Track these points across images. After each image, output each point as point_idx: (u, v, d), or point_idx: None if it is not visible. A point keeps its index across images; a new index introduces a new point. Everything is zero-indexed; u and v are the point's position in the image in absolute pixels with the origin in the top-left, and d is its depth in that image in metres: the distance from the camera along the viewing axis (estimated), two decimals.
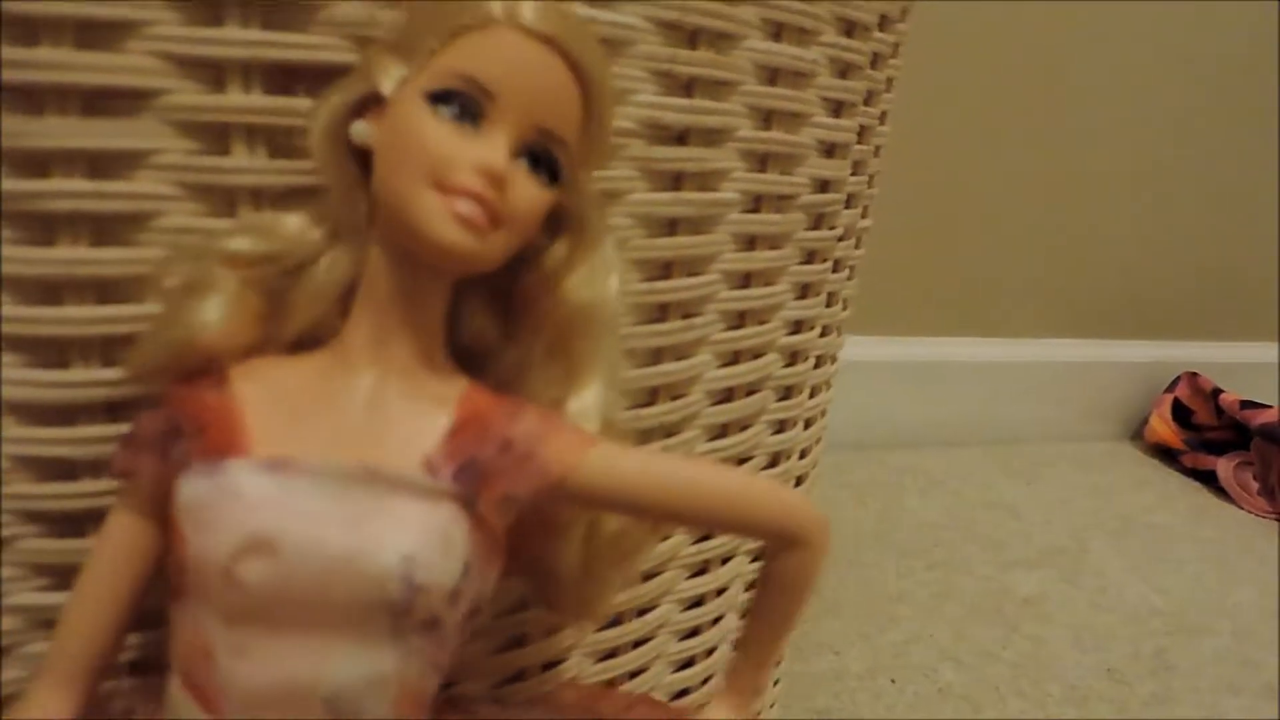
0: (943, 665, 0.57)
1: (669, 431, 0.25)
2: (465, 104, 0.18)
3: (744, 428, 0.28)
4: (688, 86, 0.22)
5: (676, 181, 0.23)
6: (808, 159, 0.26)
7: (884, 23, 0.29)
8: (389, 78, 0.18)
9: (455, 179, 0.17)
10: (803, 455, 0.32)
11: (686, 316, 0.25)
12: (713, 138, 0.23)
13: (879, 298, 0.83)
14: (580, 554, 0.21)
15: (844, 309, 0.32)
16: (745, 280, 0.26)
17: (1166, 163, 0.92)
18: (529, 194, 0.18)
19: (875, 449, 0.87)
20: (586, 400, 0.20)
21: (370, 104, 0.19)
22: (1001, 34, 0.81)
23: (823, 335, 0.31)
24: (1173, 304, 0.97)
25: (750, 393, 0.28)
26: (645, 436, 0.25)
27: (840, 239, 0.30)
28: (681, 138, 0.23)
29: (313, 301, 0.19)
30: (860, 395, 0.83)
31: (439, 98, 0.18)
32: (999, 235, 0.87)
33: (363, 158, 0.19)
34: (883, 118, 0.31)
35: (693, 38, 0.22)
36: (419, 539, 0.17)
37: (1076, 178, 0.88)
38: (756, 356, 0.27)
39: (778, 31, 0.24)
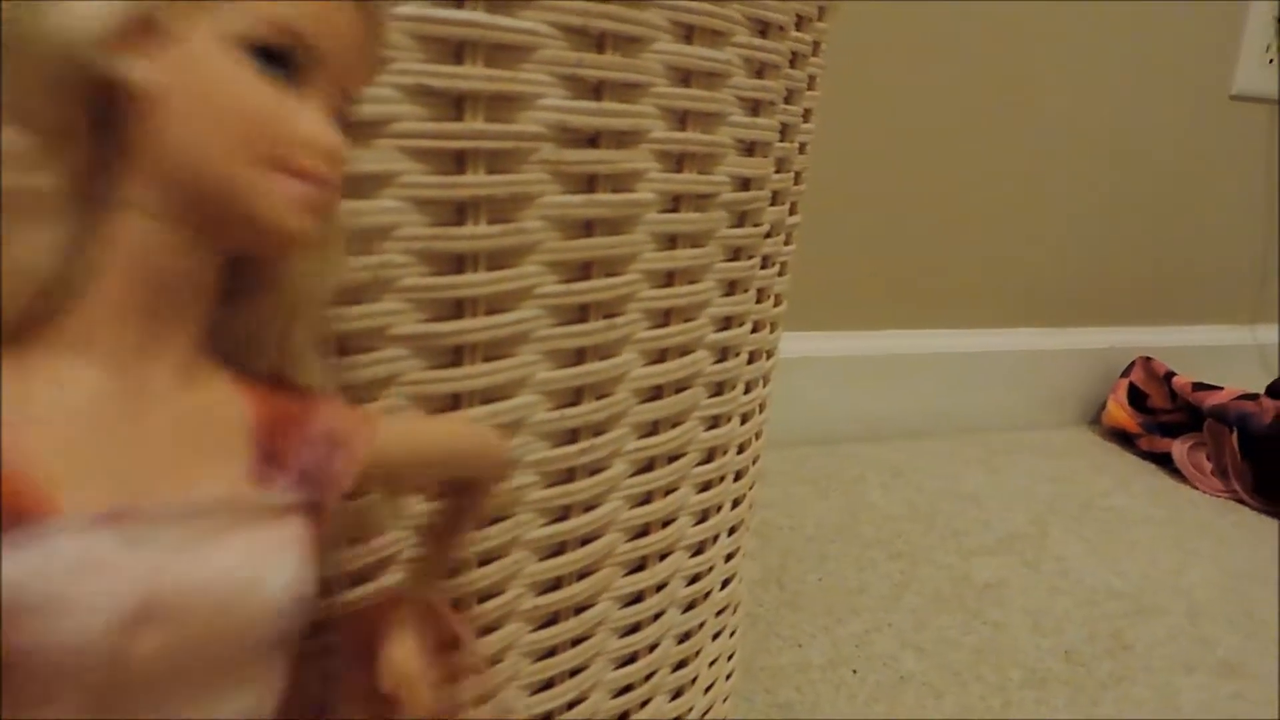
0: (904, 654, 0.57)
1: (597, 430, 0.26)
2: (285, 61, 0.15)
3: (675, 424, 0.28)
4: (597, 90, 0.23)
5: (590, 183, 0.23)
6: (726, 158, 0.27)
7: (801, 22, 0.29)
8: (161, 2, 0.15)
9: (295, 160, 0.15)
10: (740, 450, 0.32)
11: (609, 316, 0.25)
12: (625, 139, 0.24)
13: (834, 293, 0.84)
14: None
15: (776, 304, 0.33)
16: (668, 279, 0.26)
17: (1115, 149, 0.94)
18: (342, 165, 0.16)
19: (837, 443, 0.88)
20: (315, 378, 0.18)
21: (135, 30, 0.15)
22: (952, 23, 0.82)
23: (754, 331, 0.31)
24: (1126, 290, 0.99)
25: (680, 389, 0.28)
26: (572, 436, 0.25)
27: (767, 235, 0.30)
28: (593, 140, 0.23)
29: (29, 288, 0.15)
30: (820, 390, 0.84)
31: (262, 51, 0.15)
32: (951, 228, 0.88)
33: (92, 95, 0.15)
34: (806, 115, 0.32)
35: (600, 42, 0.23)
36: (291, 560, 0.16)
37: (1026, 168, 0.90)
38: (685, 354, 0.28)
39: (689, 34, 0.25)
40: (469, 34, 0.20)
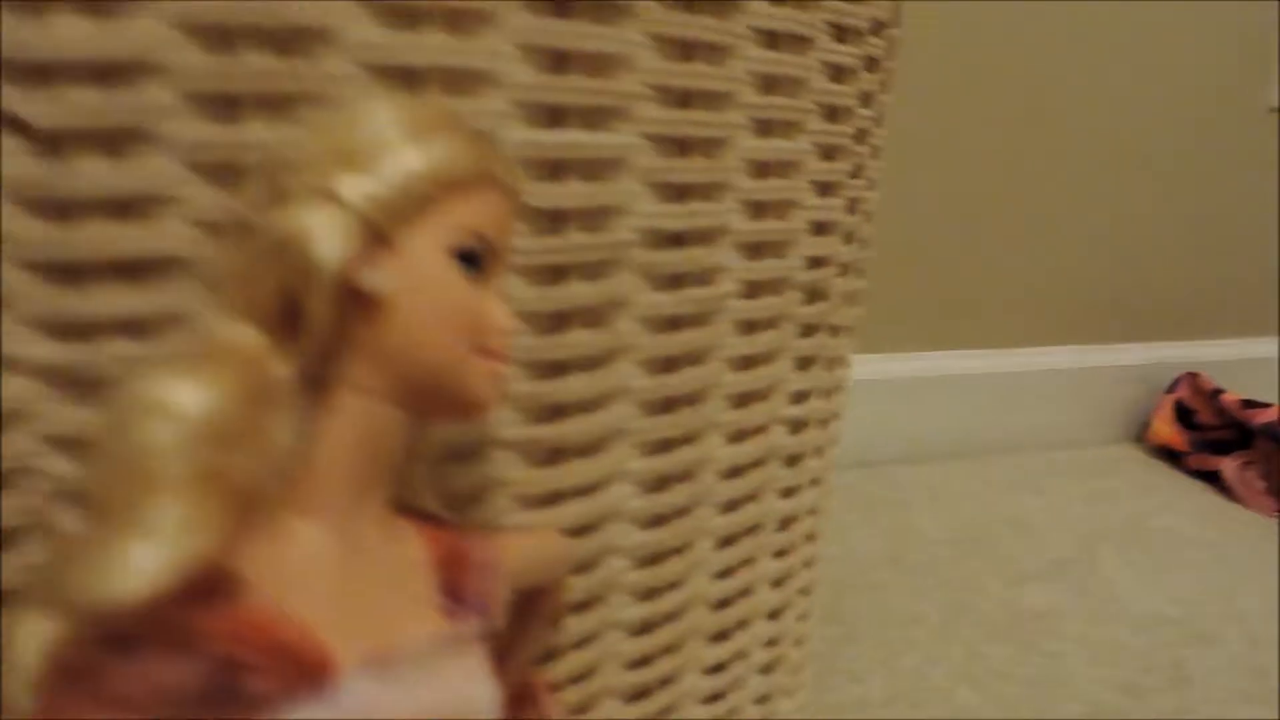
0: (959, 689, 0.57)
1: (681, 512, 0.26)
2: (477, 260, 0.18)
3: (751, 499, 0.29)
4: (684, 98, 0.23)
5: (680, 194, 0.23)
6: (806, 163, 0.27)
7: (877, 27, 0.29)
8: (384, 209, 0.17)
9: (494, 344, 0.18)
10: (811, 514, 0.33)
11: (699, 325, 0.25)
12: (712, 148, 0.24)
13: (873, 316, 0.83)
14: None
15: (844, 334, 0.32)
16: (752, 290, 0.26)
17: (1154, 163, 0.93)
18: None
19: (877, 465, 0.87)
20: (431, 500, 0.21)
21: (369, 245, 0.17)
22: (986, 40, 0.82)
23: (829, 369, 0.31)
24: (1167, 304, 0.98)
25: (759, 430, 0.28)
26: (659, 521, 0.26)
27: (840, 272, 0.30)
28: (683, 147, 0.23)
29: (279, 466, 0.16)
30: (860, 412, 0.84)
31: (464, 255, 0.18)
32: (988, 247, 0.88)
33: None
34: (878, 121, 0.31)
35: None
36: (489, 680, 0.18)
37: (1062, 183, 0.89)
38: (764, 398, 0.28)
39: (773, 40, 0.24)
40: (567, 153, 0.21)
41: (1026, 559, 0.72)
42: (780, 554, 0.31)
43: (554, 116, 0.20)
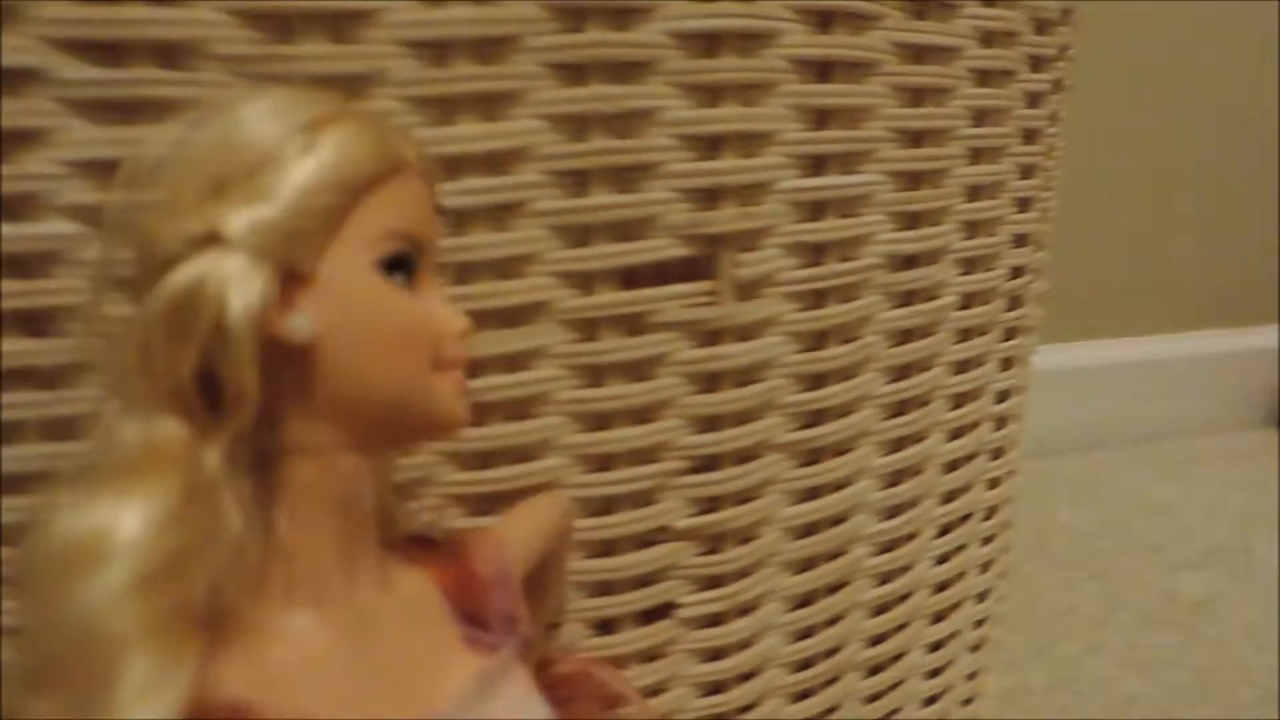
0: (1124, 675, 0.57)
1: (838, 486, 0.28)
2: (407, 265, 0.16)
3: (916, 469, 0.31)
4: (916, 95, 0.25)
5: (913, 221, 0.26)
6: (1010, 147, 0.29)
7: (1062, 52, 0.31)
8: (287, 241, 0.14)
9: (451, 352, 0.16)
10: (991, 486, 0.34)
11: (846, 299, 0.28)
12: (938, 178, 0.27)
13: None
14: None
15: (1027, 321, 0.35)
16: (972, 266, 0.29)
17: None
18: None
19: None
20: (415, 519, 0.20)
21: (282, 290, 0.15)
22: (1115, 21, 0.81)
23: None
24: None
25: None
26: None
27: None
28: (915, 180, 0.26)
29: (232, 562, 0.14)
30: None
31: (391, 265, 0.15)
32: (1122, 235, 0.87)
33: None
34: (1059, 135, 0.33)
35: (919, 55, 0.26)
36: (539, 698, 0.18)
37: (1192, 167, 0.88)
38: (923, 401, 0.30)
39: (983, 77, 0.27)
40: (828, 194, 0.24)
41: (1178, 547, 0.72)
42: (986, 540, 0.33)
43: (818, 165, 0.24)
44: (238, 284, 0.14)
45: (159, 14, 0.18)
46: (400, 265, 0.16)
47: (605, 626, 0.25)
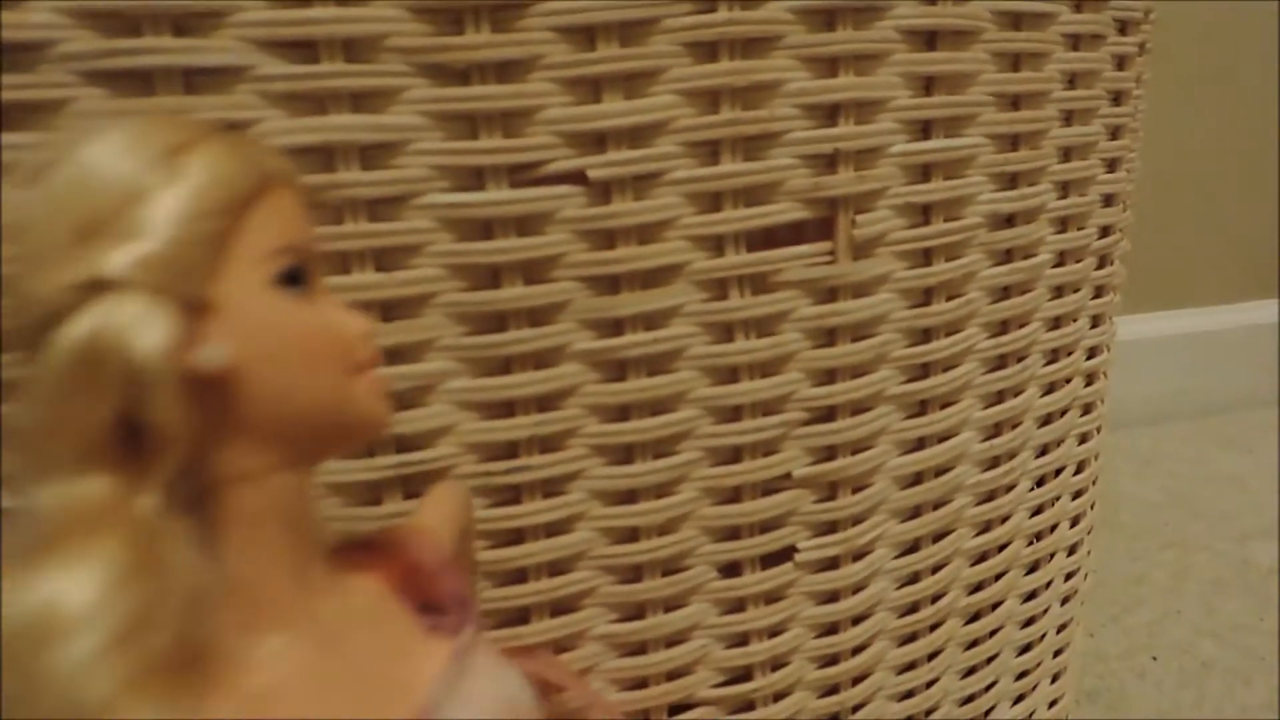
0: (1200, 641, 0.58)
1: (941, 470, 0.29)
2: (300, 276, 0.16)
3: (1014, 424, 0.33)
4: (1014, 179, 0.28)
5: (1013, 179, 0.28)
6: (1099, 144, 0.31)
7: (1146, 14, 0.32)
8: (176, 273, 0.14)
9: (362, 355, 0.16)
10: (1081, 441, 0.36)
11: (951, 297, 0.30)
12: (1035, 139, 0.28)
13: None
14: None
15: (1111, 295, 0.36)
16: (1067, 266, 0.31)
17: None
18: None
19: None
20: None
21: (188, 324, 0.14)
22: None
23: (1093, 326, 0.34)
24: None
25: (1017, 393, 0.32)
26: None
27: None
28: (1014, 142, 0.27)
29: (191, 600, 0.14)
30: None
31: (286, 279, 0.16)
32: (1180, 205, 0.86)
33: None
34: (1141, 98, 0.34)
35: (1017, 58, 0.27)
36: (510, 666, 0.18)
37: (1253, 135, 0.87)
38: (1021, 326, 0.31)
39: (1075, 42, 0.29)
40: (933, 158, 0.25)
41: (1247, 517, 0.72)
42: (1076, 494, 0.35)
43: (925, 129, 0.25)
44: (140, 325, 0.14)
45: (343, 12, 0.20)
46: (294, 278, 0.16)
47: (731, 570, 0.27)
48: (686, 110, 0.22)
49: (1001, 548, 0.31)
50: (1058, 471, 0.33)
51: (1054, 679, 0.36)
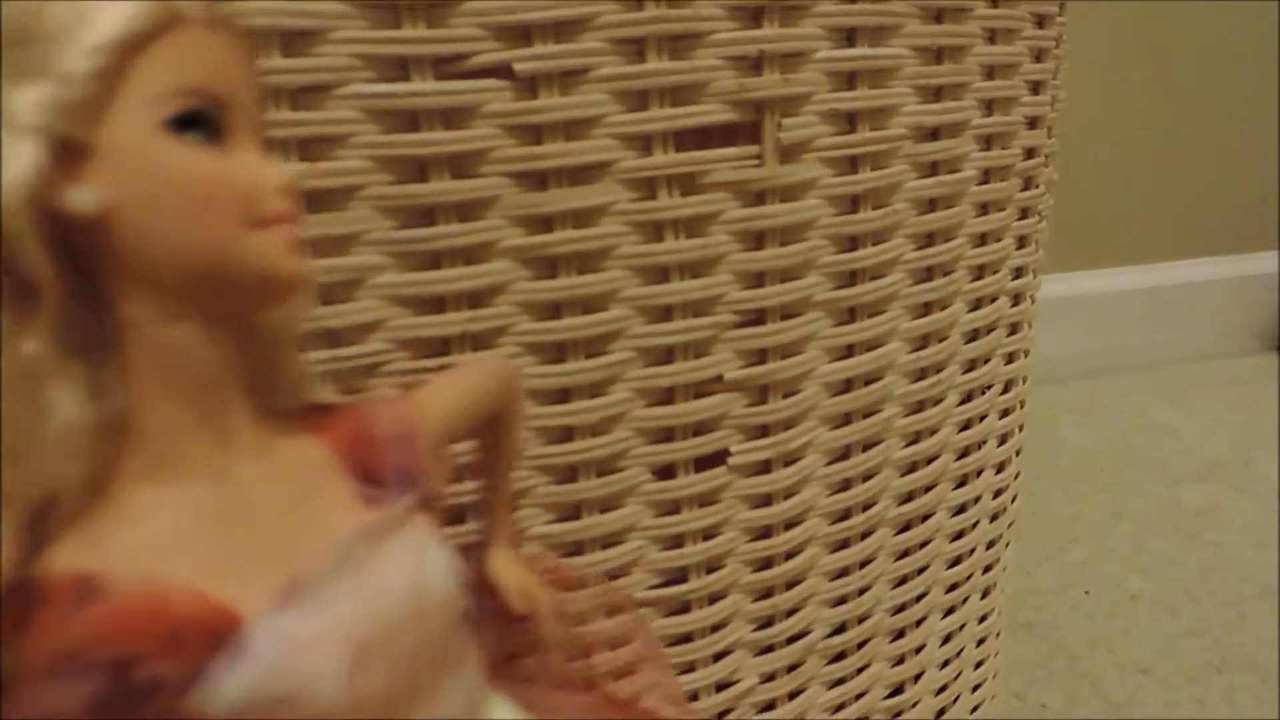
0: (1129, 575, 0.60)
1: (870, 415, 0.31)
2: (207, 122, 0.15)
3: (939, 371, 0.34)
4: (938, 93, 0.28)
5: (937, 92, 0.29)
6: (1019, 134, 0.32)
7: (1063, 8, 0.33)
8: (57, 113, 0.14)
9: (268, 209, 0.16)
10: (1005, 389, 0.37)
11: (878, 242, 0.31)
12: (958, 17, 0.29)
13: None
14: None
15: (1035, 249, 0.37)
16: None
17: (1275, 67, 0.92)
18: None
19: None
20: (326, 388, 0.20)
21: (61, 162, 0.14)
22: None
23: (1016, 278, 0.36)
24: None
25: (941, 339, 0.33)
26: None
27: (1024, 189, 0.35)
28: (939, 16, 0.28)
29: (73, 447, 0.15)
30: None
31: (183, 123, 0.15)
32: (1119, 164, 0.89)
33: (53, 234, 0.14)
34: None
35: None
36: (437, 552, 0.18)
37: (1187, 94, 0.89)
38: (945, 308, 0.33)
39: (992, 36, 0.30)
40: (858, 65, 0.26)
41: (1180, 462, 0.75)
42: (1004, 413, 0.36)
43: (850, 37, 0.26)
44: (9, 164, 0.14)
45: None
46: (195, 123, 0.15)
47: (666, 472, 0.27)
48: (611, 6, 0.23)
49: (930, 460, 0.33)
50: (985, 388, 0.34)
51: (984, 594, 0.38)
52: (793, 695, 0.31)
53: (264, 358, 0.18)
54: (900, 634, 0.34)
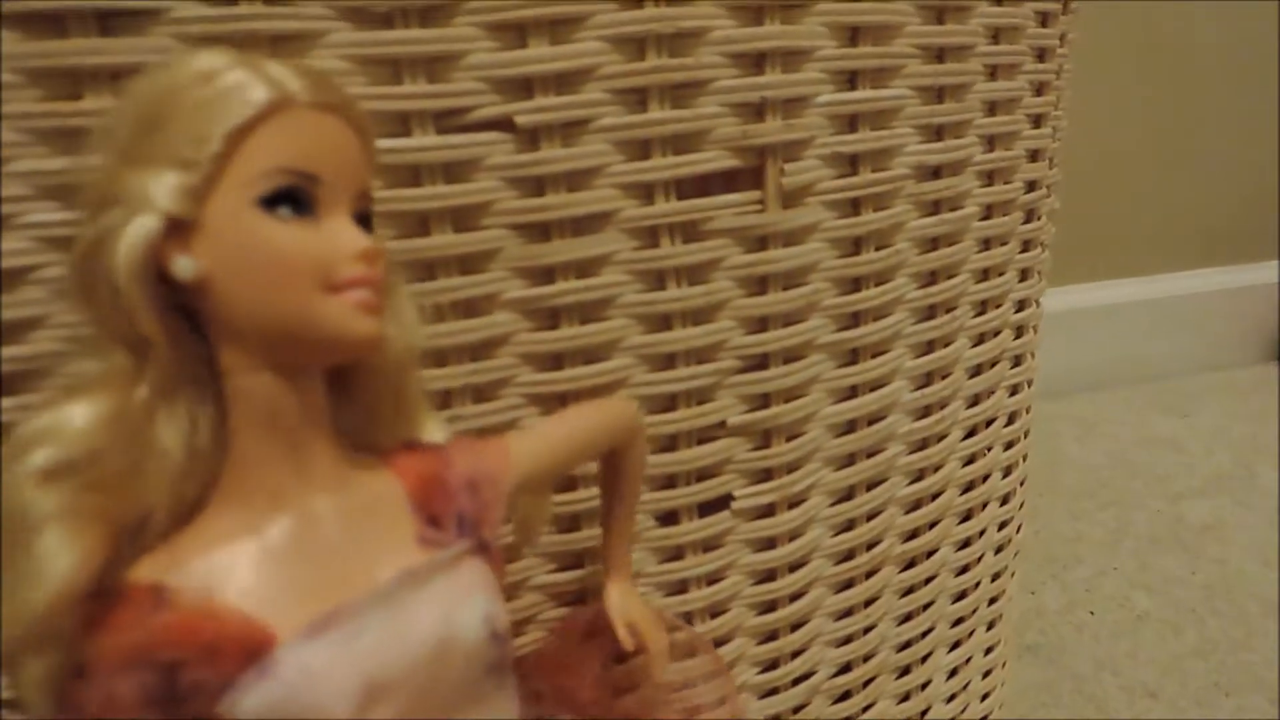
0: (1135, 594, 0.60)
1: (873, 419, 0.31)
2: (299, 197, 0.17)
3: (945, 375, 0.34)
4: (939, 131, 0.28)
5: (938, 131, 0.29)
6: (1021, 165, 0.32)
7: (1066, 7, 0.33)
8: (173, 195, 0.16)
9: (342, 274, 0.17)
10: (1010, 421, 0.37)
11: (880, 248, 0.30)
12: (960, 55, 0.28)
13: None
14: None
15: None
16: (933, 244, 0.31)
17: (1275, 79, 0.91)
18: (381, 257, 0.18)
19: None
20: (435, 428, 0.21)
21: (168, 234, 0.17)
22: None
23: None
24: None
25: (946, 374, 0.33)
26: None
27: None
28: (940, 55, 0.28)
29: (170, 476, 0.17)
30: None
31: (273, 200, 0.17)
32: (1117, 177, 0.89)
33: (164, 295, 0.17)
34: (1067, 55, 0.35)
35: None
36: (477, 600, 0.19)
37: (1188, 106, 0.89)
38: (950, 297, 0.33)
39: (993, 72, 0.30)
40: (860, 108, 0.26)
41: (1183, 477, 0.74)
42: (1008, 445, 0.36)
43: (851, 80, 0.26)
44: (124, 236, 0.16)
45: None
46: (285, 199, 0.17)
47: (669, 518, 0.27)
48: (613, 57, 0.23)
49: (935, 496, 0.32)
50: (989, 422, 0.34)
51: (989, 626, 0.38)
52: None
53: (368, 399, 0.20)
54: (906, 670, 0.34)
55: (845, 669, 0.32)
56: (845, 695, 0.32)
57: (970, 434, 0.33)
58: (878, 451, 0.30)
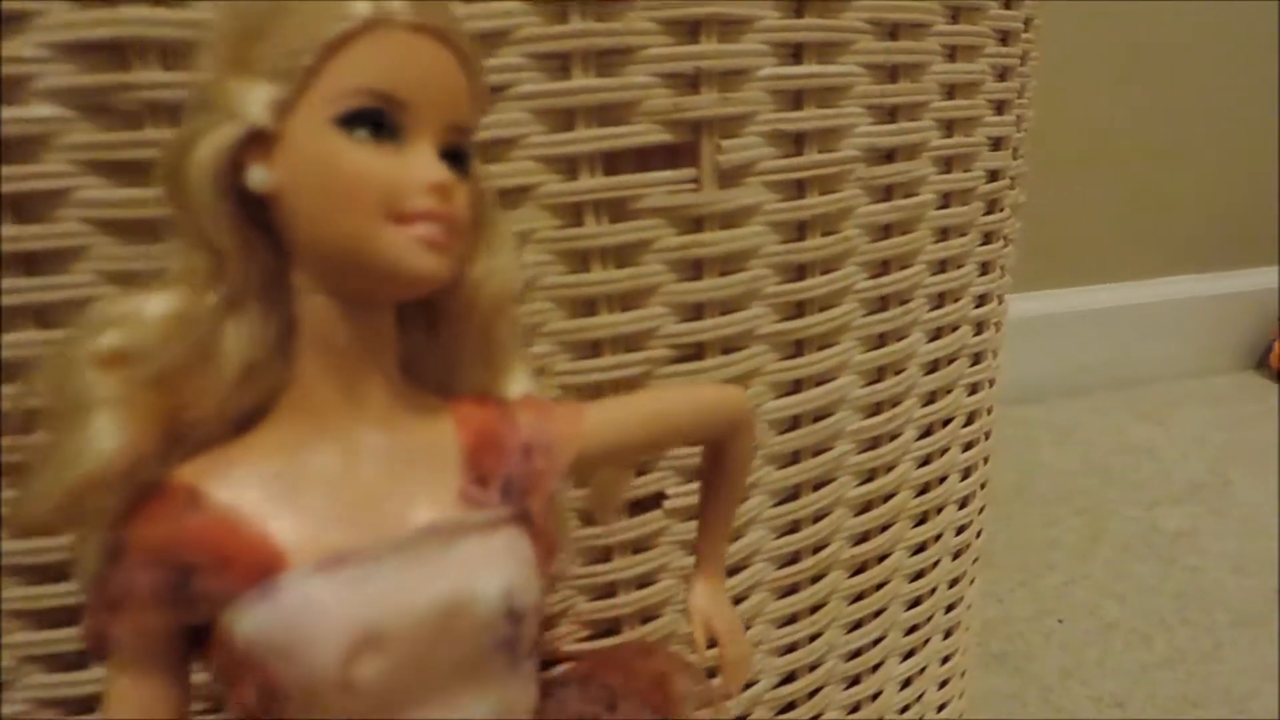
0: (1105, 602, 0.59)
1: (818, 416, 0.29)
2: (381, 121, 0.16)
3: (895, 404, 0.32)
4: (893, 113, 0.27)
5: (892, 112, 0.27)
6: (981, 155, 0.30)
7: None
8: (260, 106, 0.16)
9: (410, 205, 0.16)
10: (968, 422, 0.36)
11: (828, 235, 0.29)
12: (915, 33, 0.27)
13: None
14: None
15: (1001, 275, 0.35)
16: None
17: (1262, 86, 0.91)
18: (461, 194, 0.17)
19: (1000, 406, 0.89)
20: (521, 380, 0.20)
21: (250, 144, 0.16)
22: None
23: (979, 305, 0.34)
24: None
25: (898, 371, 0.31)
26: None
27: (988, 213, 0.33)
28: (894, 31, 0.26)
29: (227, 382, 0.17)
30: None
31: (352, 120, 0.16)
32: (1098, 181, 0.88)
33: (246, 205, 0.17)
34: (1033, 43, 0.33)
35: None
36: (503, 571, 0.18)
37: (1170, 111, 0.88)
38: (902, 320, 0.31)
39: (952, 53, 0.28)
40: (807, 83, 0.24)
41: (1158, 484, 0.73)
42: (967, 446, 0.34)
43: (796, 53, 0.24)
44: (207, 145, 0.16)
45: None
46: (364, 120, 0.16)
47: (594, 517, 0.25)
48: (532, 19, 0.21)
49: (887, 497, 0.31)
50: (946, 421, 0.32)
51: (946, 634, 0.36)
52: None
53: (451, 342, 0.19)
54: (855, 680, 0.32)
55: (789, 678, 0.30)
56: (790, 706, 0.30)
57: (926, 434, 0.32)
58: (824, 450, 0.28)
